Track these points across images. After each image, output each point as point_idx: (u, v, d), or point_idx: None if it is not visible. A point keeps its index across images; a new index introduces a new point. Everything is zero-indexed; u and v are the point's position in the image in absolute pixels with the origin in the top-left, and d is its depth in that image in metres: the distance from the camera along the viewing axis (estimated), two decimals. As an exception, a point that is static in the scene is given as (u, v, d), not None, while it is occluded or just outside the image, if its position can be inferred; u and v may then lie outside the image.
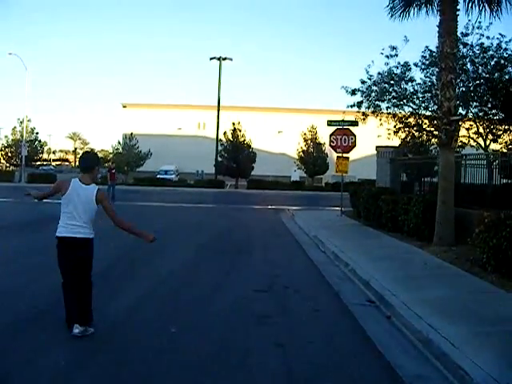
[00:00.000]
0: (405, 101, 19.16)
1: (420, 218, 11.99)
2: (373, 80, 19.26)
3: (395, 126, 19.92)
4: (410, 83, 18.99)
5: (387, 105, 19.46)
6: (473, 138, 19.05)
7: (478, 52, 17.57)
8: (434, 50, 16.81)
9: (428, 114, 19.04)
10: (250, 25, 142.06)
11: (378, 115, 19.96)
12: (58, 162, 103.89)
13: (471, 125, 18.87)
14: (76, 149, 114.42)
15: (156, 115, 63.03)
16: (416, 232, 12.22)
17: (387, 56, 18.62)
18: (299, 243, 12.94)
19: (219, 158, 45.65)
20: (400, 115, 19.75)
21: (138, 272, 8.62)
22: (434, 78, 17.87)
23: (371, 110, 19.57)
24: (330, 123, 19.55)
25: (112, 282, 7.49)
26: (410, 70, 18.83)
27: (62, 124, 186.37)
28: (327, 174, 47.21)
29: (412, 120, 19.67)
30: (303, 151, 47.87)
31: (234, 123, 45.76)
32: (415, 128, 19.65)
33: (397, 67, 18.82)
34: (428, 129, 19.09)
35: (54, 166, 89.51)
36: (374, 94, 19.33)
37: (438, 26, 11.71)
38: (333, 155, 24.28)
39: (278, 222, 18.13)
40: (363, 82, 19.42)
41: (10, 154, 48.43)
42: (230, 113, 51.77)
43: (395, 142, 20.56)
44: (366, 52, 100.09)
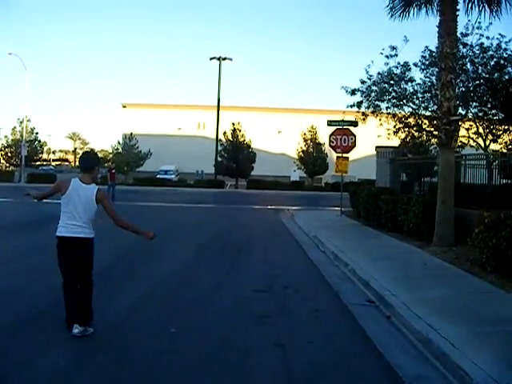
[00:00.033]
0: (404, 101, 19.14)
1: (420, 218, 11.99)
2: (372, 80, 19.24)
3: (395, 126, 19.91)
4: (409, 83, 18.98)
5: (387, 105, 19.45)
6: (472, 138, 19.04)
7: (477, 52, 17.56)
8: (434, 50, 16.80)
9: (428, 114, 19.02)
10: (249, 25, 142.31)
11: (377, 115, 19.94)
12: (58, 162, 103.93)
13: (471, 125, 18.86)
14: (76, 149, 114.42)
15: (156, 115, 63.03)
16: (416, 232, 12.22)
17: (387, 56, 18.61)
18: (299, 243, 12.94)
19: (219, 158, 45.65)
20: (400, 115, 19.73)
21: (138, 272, 8.62)
22: (433, 78, 17.85)
23: (371, 110, 19.56)
24: (329, 123, 19.56)
25: (112, 282, 7.49)
26: (409, 70, 18.81)
27: (62, 124, 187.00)
28: (327, 174, 47.21)
29: (412, 120, 19.65)
30: (303, 151, 47.88)
31: (233, 123, 45.76)
32: (415, 128, 19.64)
33: (397, 67, 18.81)
34: (428, 129, 19.08)
35: (53, 166, 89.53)
36: (373, 94, 19.31)
37: (437, 26, 11.71)
38: (332, 155, 24.27)
39: (278, 222, 18.13)
40: (363, 82, 19.41)
41: (9, 154, 48.45)
42: (229, 113, 51.77)
43: (395, 142, 20.55)
44: (366, 52, 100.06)
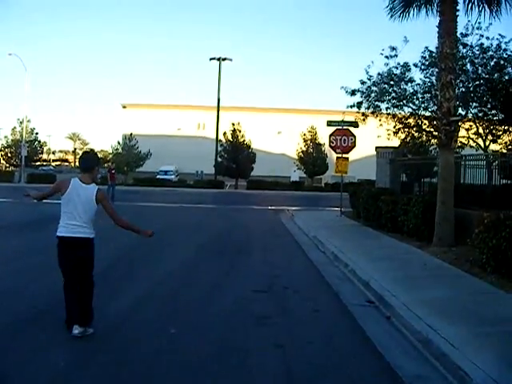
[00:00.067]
0: (404, 101, 19.12)
1: (420, 218, 11.99)
2: (372, 80, 19.23)
3: (395, 127, 19.89)
4: (409, 84, 18.95)
5: (387, 105, 19.42)
6: (472, 139, 19.03)
7: (477, 52, 17.56)
8: (434, 50, 16.78)
9: (428, 114, 19.00)
10: (249, 25, 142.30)
11: (377, 116, 19.94)
12: (58, 163, 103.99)
13: (471, 125, 18.85)
14: (76, 149, 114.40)
15: (156, 115, 63.06)
16: (416, 232, 12.22)
17: (387, 56, 18.58)
18: (299, 244, 12.94)
19: (219, 159, 45.63)
20: (400, 116, 19.72)
21: (137, 272, 8.62)
22: (433, 78, 17.84)
23: (371, 110, 19.55)
24: (329, 123, 19.57)
25: (112, 282, 7.49)
26: (409, 70, 18.79)
27: (62, 124, 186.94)
28: (327, 175, 47.22)
29: (412, 120, 19.64)
30: (303, 151, 47.90)
31: (233, 124, 45.75)
32: (415, 128, 19.62)
33: (396, 68, 18.79)
34: (428, 129, 19.06)
35: (53, 166, 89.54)
36: (373, 95, 19.28)
37: (437, 27, 11.71)
38: (332, 155, 24.28)
39: (278, 223, 18.13)
40: (363, 83, 19.39)
41: (9, 155, 48.43)
42: (229, 113, 51.77)
43: (395, 142, 20.55)
44: (366, 52, 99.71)
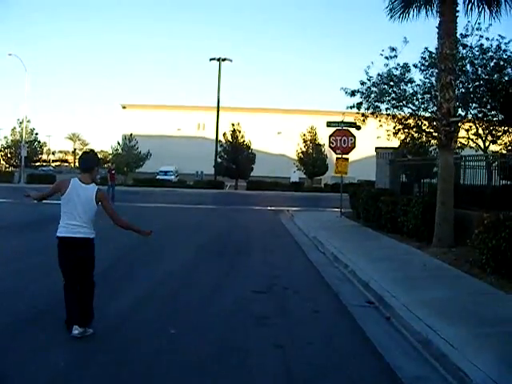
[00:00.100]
0: (404, 102, 19.14)
1: (419, 219, 11.99)
2: (372, 81, 19.25)
3: (395, 128, 19.91)
4: (409, 84, 18.97)
5: (386, 106, 19.44)
6: (472, 140, 19.04)
7: (477, 53, 17.57)
8: (434, 51, 16.79)
9: (427, 115, 19.03)
10: (249, 25, 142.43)
11: (377, 116, 19.96)
12: (58, 163, 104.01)
13: (470, 126, 18.86)
14: (75, 149, 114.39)
15: (155, 116, 63.09)
16: (415, 233, 12.22)
17: (387, 57, 18.61)
18: (298, 244, 12.94)
19: (219, 159, 45.64)
20: (399, 116, 19.74)
21: (137, 272, 8.63)
22: (433, 79, 17.86)
23: (371, 111, 19.57)
24: (329, 124, 19.58)
25: (112, 282, 7.49)
26: (409, 71, 18.81)
27: (62, 125, 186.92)
28: (326, 175, 47.25)
29: (411, 121, 19.66)
30: (302, 152, 47.92)
31: (233, 124, 45.78)
32: (415, 129, 19.64)
33: (396, 68, 18.82)
34: (427, 130, 19.08)
35: (53, 166, 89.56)
36: (373, 95, 19.30)
37: (437, 28, 11.71)
38: (332, 156, 24.28)
39: (278, 223, 18.14)
40: (363, 83, 19.40)
41: (9, 155, 48.44)
42: (229, 114, 51.78)
43: (395, 143, 20.57)
44: (366, 53, 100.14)
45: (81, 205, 5.17)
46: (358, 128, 19.42)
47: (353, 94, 19.51)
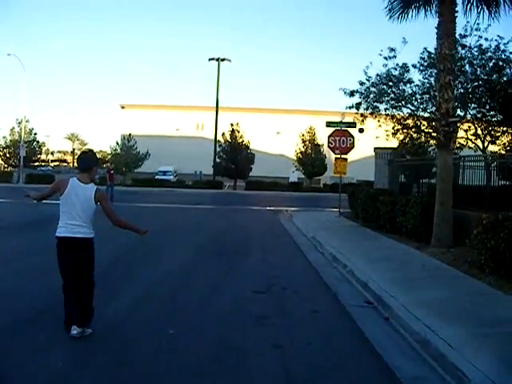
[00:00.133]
0: (403, 102, 19.17)
1: (418, 219, 12.00)
2: (371, 81, 19.28)
3: (393, 128, 19.95)
4: (408, 85, 19.02)
5: (385, 106, 19.47)
6: (471, 140, 19.09)
7: (476, 54, 17.61)
8: (433, 51, 16.84)
9: (426, 115, 19.07)
10: (249, 25, 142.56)
11: (376, 116, 19.99)
12: (56, 163, 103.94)
13: (469, 126, 18.92)
14: (74, 149, 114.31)
15: (154, 116, 63.09)
16: (414, 233, 12.23)
17: (386, 57, 18.64)
18: (297, 244, 12.95)
19: (217, 159, 45.61)
20: (398, 117, 19.77)
21: (136, 272, 8.63)
22: (432, 79, 17.90)
23: (370, 111, 19.59)
24: (328, 124, 19.59)
25: (111, 282, 7.48)
26: (408, 71, 18.85)
27: (61, 125, 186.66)
28: (325, 175, 47.27)
29: (410, 121, 19.69)
30: (301, 152, 47.91)
31: (232, 124, 45.76)
32: (413, 129, 19.68)
33: (395, 69, 18.86)
34: (426, 130, 19.11)
35: (52, 166, 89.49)
36: (372, 96, 19.33)
37: (436, 28, 11.72)
38: (331, 156, 24.28)
39: (277, 223, 18.14)
40: (362, 84, 19.44)
41: (8, 155, 48.33)
42: (228, 114, 51.78)
43: (393, 143, 20.59)
44: (365, 53, 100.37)
45: (79, 204, 5.17)
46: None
47: (352, 94, 19.53)
